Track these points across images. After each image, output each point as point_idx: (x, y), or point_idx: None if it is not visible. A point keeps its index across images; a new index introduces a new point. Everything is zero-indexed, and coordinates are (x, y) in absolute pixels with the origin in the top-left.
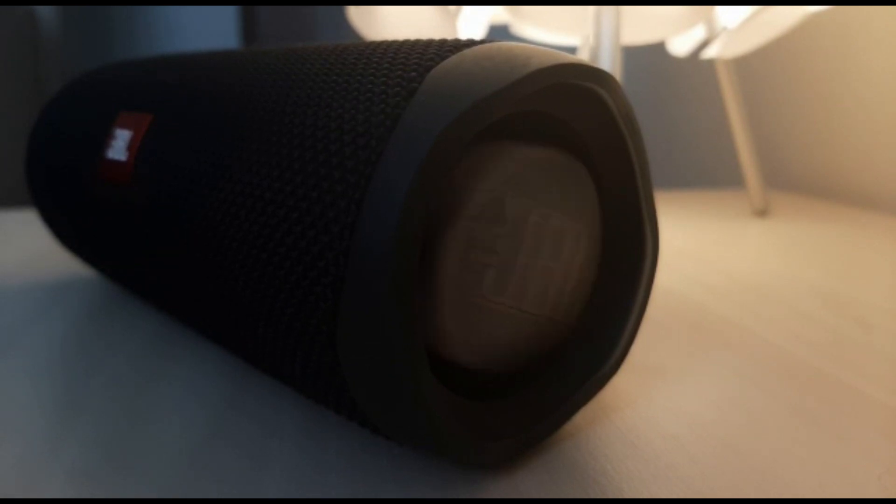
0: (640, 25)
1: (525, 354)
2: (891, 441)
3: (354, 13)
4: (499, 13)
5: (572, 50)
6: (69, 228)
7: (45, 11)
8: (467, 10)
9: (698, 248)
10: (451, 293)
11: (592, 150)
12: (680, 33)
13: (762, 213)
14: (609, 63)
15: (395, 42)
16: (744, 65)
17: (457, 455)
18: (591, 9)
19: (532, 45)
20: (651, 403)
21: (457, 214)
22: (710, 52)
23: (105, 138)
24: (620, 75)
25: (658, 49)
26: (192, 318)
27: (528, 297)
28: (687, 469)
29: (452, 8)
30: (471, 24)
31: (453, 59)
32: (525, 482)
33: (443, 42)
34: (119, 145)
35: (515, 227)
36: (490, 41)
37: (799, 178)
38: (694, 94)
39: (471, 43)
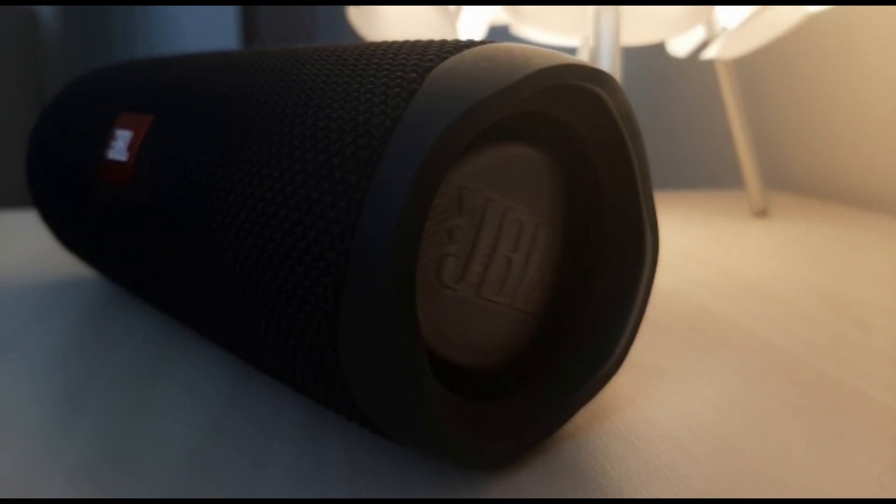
0: (640, 26)
1: (489, 342)
2: (891, 441)
3: (354, 13)
4: (499, 14)
5: (572, 51)
6: (69, 228)
7: (45, 11)
8: (467, 11)
9: (698, 248)
10: (417, 280)
11: (592, 150)
12: (680, 34)
13: (762, 213)
14: (609, 64)
15: (395, 43)
16: (744, 65)
17: (457, 455)
18: (590, 9)
19: (532, 46)
20: (651, 403)
21: None
22: (709, 53)
23: (105, 139)
24: (620, 76)
25: (658, 50)
26: (192, 319)
27: (486, 285)
28: (687, 469)
29: (452, 8)
30: (471, 24)
31: (453, 59)
32: (525, 482)
33: (443, 43)
34: (119, 146)
35: (475, 217)
36: (490, 42)
37: (799, 179)
38: (694, 95)
39: (471, 44)
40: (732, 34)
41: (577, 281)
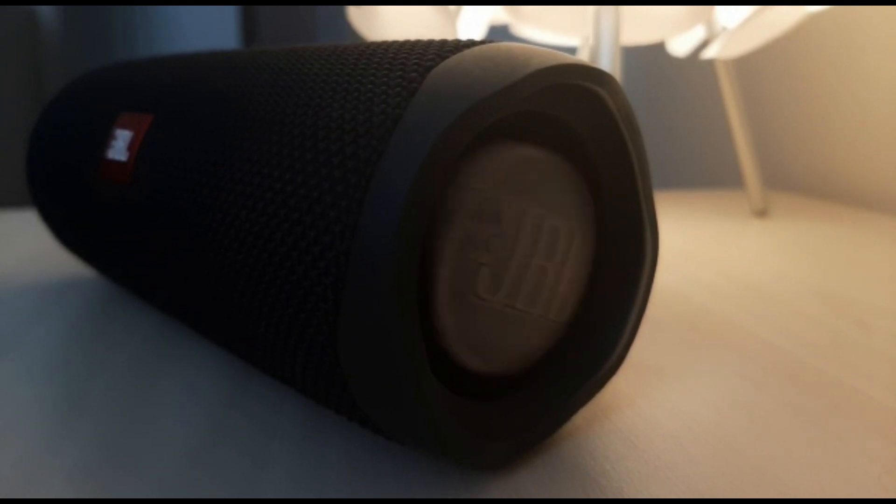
0: (640, 26)
1: (520, 353)
2: (891, 441)
3: (354, 13)
4: (499, 14)
5: (572, 50)
6: (69, 228)
7: (45, 11)
8: (467, 11)
9: (698, 248)
10: (446, 291)
11: (592, 150)
12: (680, 33)
13: (762, 213)
14: (609, 63)
15: (396, 42)
16: (744, 65)
17: (457, 455)
18: (590, 9)
19: (532, 46)
20: (651, 403)
21: (453, 214)
22: (709, 53)
23: (106, 138)
24: (620, 75)
25: (658, 49)
26: (192, 318)
27: (521, 296)
28: (687, 469)
29: (452, 8)
30: (471, 24)
31: (453, 59)
32: (525, 482)
33: (443, 42)
34: (119, 145)
35: (510, 226)
36: (490, 42)
37: (799, 178)
38: (694, 95)
39: (471, 43)
40: (732, 34)
41: None
